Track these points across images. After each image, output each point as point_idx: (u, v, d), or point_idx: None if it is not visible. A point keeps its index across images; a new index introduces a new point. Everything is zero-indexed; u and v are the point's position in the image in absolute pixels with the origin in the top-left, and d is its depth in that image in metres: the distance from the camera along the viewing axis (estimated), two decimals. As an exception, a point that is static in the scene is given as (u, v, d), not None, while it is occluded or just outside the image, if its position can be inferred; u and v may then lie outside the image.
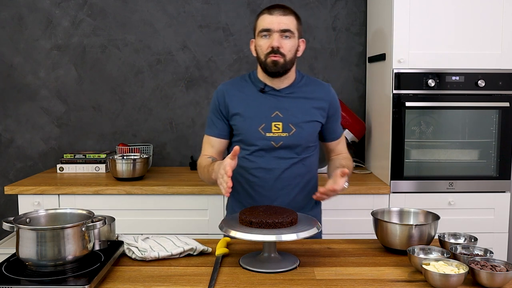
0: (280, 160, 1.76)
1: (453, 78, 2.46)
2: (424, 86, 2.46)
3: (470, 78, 2.46)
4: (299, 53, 1.77)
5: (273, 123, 1.74)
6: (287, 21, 1.69)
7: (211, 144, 1.84)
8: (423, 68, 2.45)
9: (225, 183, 1.42)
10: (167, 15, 3.01)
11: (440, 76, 2.46)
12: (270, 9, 1.71)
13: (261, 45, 1.71)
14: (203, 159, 1.81)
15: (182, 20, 3.02)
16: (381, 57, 2.63)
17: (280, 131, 1.74)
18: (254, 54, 1.78)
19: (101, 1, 3.00)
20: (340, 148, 1.92)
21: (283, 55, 1.69)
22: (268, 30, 1.69)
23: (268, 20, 1.69)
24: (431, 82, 2.44)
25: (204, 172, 1.75)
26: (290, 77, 1.79)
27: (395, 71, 2.46)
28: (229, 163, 1.47)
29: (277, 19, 1.68)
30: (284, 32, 1.68)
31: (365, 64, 3.04)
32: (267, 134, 1.74)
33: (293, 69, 1.79)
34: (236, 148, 1.49)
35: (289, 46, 1.70)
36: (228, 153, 1.84)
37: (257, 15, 1.75)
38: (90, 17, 3.01)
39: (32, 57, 3.04)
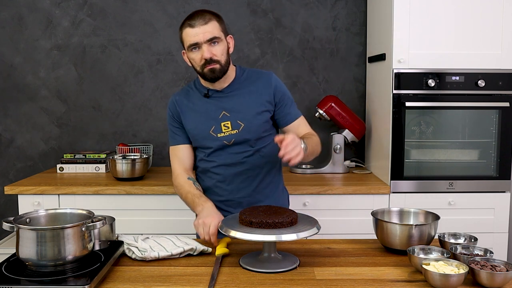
0: (236, 155, 1.82)
1: (453, 78, 2.46)
2: (424, 86, 2.46)
3: (470, 78, 2.46)
4: (231, 50, 1.82)
5: (222, 123, 1.80)
6: (210, 29, 1.71)
7: (178, 156, 1.89)
8: (423, 68, 2.45)
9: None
10: (167, 15, 3.01)
11: (440, 76, 2.46)
12: (190, 20, 1.73)
13: (194, 58, 1.75)
14: (182, 180, 1.85)
15: (182, 20, 3.00)
16: (381, 57, 2.63)
17: (230, 129, 1.80)
18: (189, 65, 1.82)
19: (101, 1, 3.00)
20: (301, 130, 1.90)
21: (217, 61, 1.73)
22: (196, 44, 1.72)
23: (192, 34, 1.71)
24: (431, 82, 2.44)
25: (188, 200, 1.80)
26: (230, 75, 1.83)
27: (395, 71, 2.46)
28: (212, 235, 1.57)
29: (200, 30, 1.70)
30: (211, 40, 1.71)
31: (365, 64, 3.04)
32: (219, 135, 1.81)
33: (231, 67, 1.83)
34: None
35: (220, 51, 1.74)
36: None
37: (180, 27, 1.77)
38: (90, 17, 3.01)
39: (32, 57, 3.04)
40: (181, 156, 1.89)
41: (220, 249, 1.52)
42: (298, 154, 1.54)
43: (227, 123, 1.80)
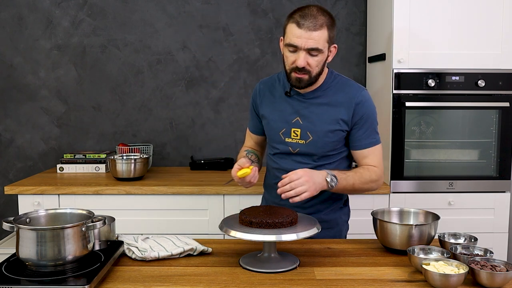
0: (297, 164, 1.74)
1: (453, 78, 2.46)
2: (424, 86, 2.46)
3: (470, 78, 2.46)
4: (329, 59, 1.69)
5: (293, 129, 1.74)
6: (317, 38, 1.57)
7: (251, 137, 1.96)
8: (423, 68, 2.45)
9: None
10: (167, 15, 3.01)
11: (440, 76, 2.46)
12: (301, 18, 1.58)
13: (287, 57, 1.65)
14: (242, 151, 1.92)
15: (182, 20, 3.02)
16: (381, 57, 2.63)
17: (298, 137, 1.74)
18: (282, 55, 1.71)
19: (101, 1, 3.00)
20: (367, 161, 1.74)
21: (308, 71, 1.63)
22: (294, 46, 1.60)
23: (296, 34, 1.58)
24: (431, 82, 2.44)
25: None
26: (317, 82, 1.72)
27: (395, 71, 2.46)
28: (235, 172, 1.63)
29: (306, 35, 1.57)
30: (311, 50, 1.59)
31: (365, 64, 3.04)
32: (286, 139, 1.76)
33: (323, 73, 1.71)
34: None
35: (316, 63, 1.62)
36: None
37: (289, 16, 1.64)
38: (90, 17, 3.01)
39: (32, 57, 3.04)
40: (251, 137, 1.95)
41: (242, 172, 1.61)
42: (299, 193, 1.51)
43: (297, 131, 1.73)
